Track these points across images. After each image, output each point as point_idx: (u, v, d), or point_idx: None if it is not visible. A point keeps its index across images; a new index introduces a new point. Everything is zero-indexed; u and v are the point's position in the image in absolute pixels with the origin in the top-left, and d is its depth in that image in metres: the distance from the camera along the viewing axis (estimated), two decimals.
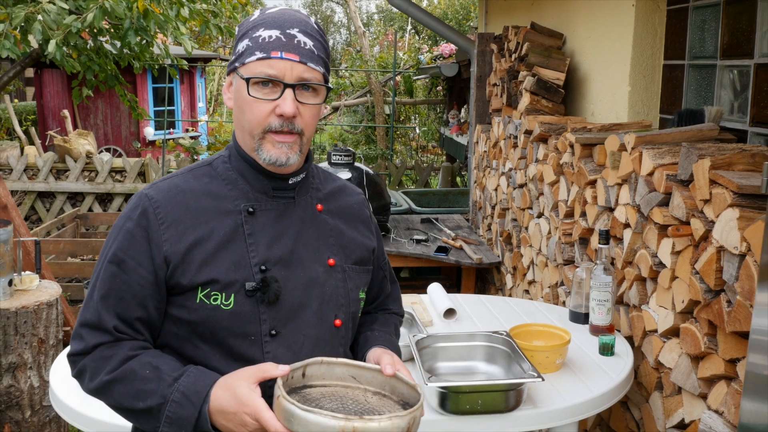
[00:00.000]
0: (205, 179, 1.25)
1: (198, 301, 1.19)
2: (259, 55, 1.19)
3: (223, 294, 1.19)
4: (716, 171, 1.76)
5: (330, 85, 1.28)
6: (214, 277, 1.18)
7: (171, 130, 10.19)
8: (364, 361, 1.33)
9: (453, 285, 4.19)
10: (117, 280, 1.18)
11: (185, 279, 1.18)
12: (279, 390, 1.08)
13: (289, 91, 1.19)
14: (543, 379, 1.70)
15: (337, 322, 1.29)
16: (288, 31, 1.20)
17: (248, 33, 1.22)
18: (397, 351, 1.39)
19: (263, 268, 1.22)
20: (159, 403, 1.12)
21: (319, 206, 1.33)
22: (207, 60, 11.69)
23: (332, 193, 1.38)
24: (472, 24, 11.89)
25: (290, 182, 1.28)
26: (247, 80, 1.19)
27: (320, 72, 1.23)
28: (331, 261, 1.31)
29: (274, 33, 1.20)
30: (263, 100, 1.19)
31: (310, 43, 1.22)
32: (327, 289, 1.29)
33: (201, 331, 1.20)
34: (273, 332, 1.21)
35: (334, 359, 1.21)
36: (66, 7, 5.25)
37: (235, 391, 1.11)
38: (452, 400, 1.70)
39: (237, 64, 1.22)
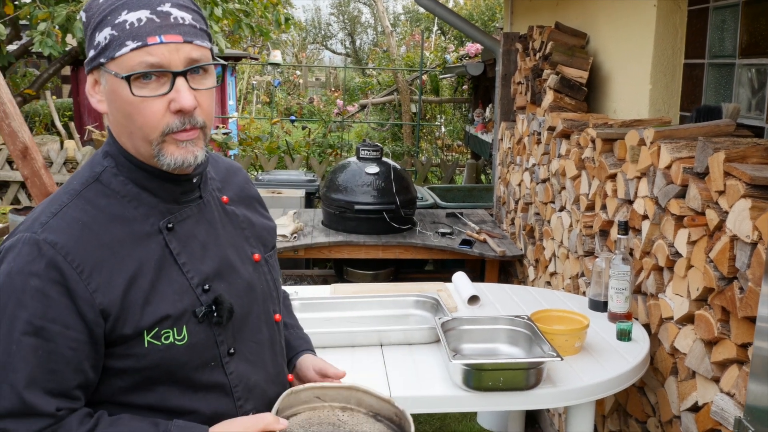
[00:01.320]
0: (102, 201, 1.05)
1: (146, 345, 1.03)
2: (132, 45, 0.98)
3: (175, 329, 1.05)
4: (730, 163, 1.85)
5: (219, 60, 1.09)
6: (162, 315, 1.04)
7: None
8: (295, 366, 1.34)
9: (477, 277, 4.30)
10: (41, 353, 0.97)
11: (129, 327, 1.02)
12: None
13: (180, 81, 1.00)
14: (562, 359, 1.81)
15: (277, 317, 1.24)
16: (159, 8, 1.00)
17: (107, 19, 1.00)
18: (310, 344, 1.42)
19: (206, 287, 1.10)
20: None
21: (224, 198, 1.21)
22: (237, 59, 11.92)
23: (225, 178, 1.26)
24: (497, 24, 11.96)
25: (194, 181, 1.13)
26: (128, 78, 0.99)
27: (207, 48, 1.05)
28: (256, 256, 1.22)
29: (143, 14, 0.99)
30: (152, 97, 1.00)
31: (188, 17, 1.02)
32: (260, 287, 1.21)
33: (155, 375, 1.05)
34: (231, 351, 1.13)
35: (299, 387, 1.21)
36: None
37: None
38: (475, 377, 1.81)
39: (103, 60, 1.00)
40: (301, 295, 2.46)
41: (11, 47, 7.27)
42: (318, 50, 24.29)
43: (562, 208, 3.12)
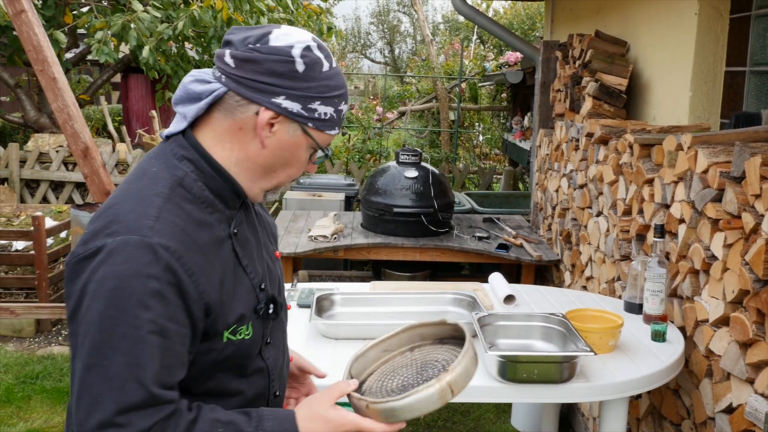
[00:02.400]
0: (187, 206, 1.12)
1: (225, 340, 1.13)
2: (335, 132, 1.18)
3: (245, 326, 1.17)
4: (767, 167, 1.88)
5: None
6: (240, 313, 1.15)
7: None
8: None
9: (513, 281, 4.33)
10: (163, 350, 1.04)
11: (220, 325, 1.12)
12: (362, 401, 1.16)
13: (325, 158, 1.23)
14: (595, 353, 1.86)
15: (288, 306, 1.38)
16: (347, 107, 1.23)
17: (333, 101, 1.16)
18: None
19: (262, 287, 1.21)
20: None
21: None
22: None
23: None
24: (537, 33, 11.96)
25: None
26: (317, 149, 1.19)
27: None
28: (277, 254, 1.35)
29: (345, 109, 1.20)
30: (305, 164, 1.20)
31: None
32: (281, 281, 1.33)
33: (220, 365, 1.15)
34: (268, 340, 1.24)
35: (362, 350, 1.30)
36: (158, 15, 5.68)
37: (324, 416, 1.15)
38: (510, 369, 1.88)
39: (311, 125, 1.15)
40: (341, 291, 2.55)
41: (68, 55, 7.60)
42: (357, 59, 24.55)
43: (599, 213, 3.15)
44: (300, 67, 1.11)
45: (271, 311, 1.22)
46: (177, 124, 1.18)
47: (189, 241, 1.08)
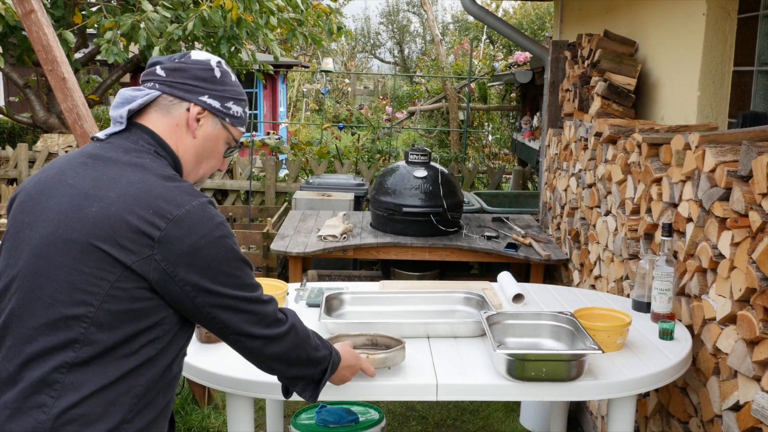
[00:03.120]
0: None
1: None
2: (243, 129, 1.49)
3: None
4: None
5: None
6: None
7: (254, 133, 10.72)
8: None
9: (522, 281, 4.34)
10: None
11: None
12: (363, 353, 1.85)
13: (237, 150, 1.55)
14: (603, 351, 1.88)
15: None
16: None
17: (241, 101, 1.47)
18: None
19: None
20: (326, 354, 1.57)
21: None
22: (289, 67, 12.21)
23: None
24: (546, 33, 11.94)
25: None
26: (232, 142, 1.48)
27: None
28: None
29: (247, 112, 1.51)
30: (221, 158, 1.50)
31: None
32: None
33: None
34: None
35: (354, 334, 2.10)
36: (168, 15, 5.72)
37: (353, 353, 1.75)
38: (518, 368, 1.90)
39: (228, 120, 1.44)
40: (351, 290, 2.58)
41: (78, 55, 7.66)
42: (367, 59, 24.58)
43: (607, 213, 3.16)
44: (217, 74, 1.41)
45: None
46: (115, 126, 1.38)
47: None
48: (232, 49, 6.67)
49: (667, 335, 2.21)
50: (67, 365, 1.21)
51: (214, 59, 1.43)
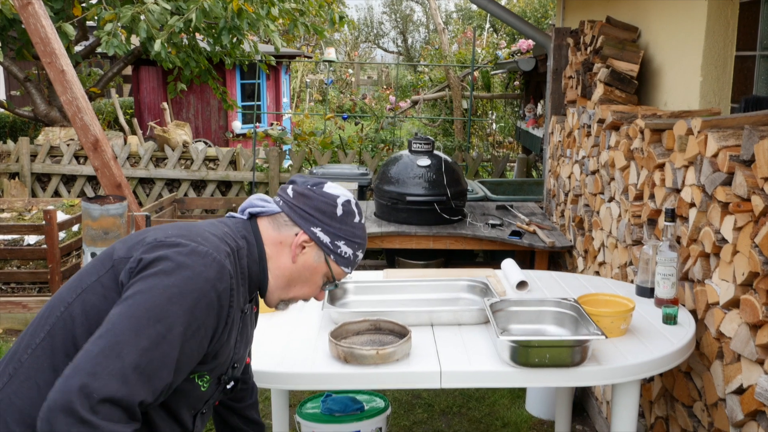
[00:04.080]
0: (235, 269, 1.35)
1: (190, 376, 1.32)
2: (348, 270, 1.50)
3: (208, 377, 1.36)
4: None
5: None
6: (213, 367, 1.36)
7: (257, 124, 10.73)
8: None
9: (526, 268, 4.36)
10: (181, 355, 1.22)
11: (207, 363, 1.33)
12: (372, 349, 1.88)
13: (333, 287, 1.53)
14: (606, 337, 1.88)
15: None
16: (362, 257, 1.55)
17: (355, 244, 1.48)
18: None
19: (235, 365, 1.47)
20: None
21: (255, 308, 1.55)
22: (292, 57, 12.19)
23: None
24: (550, 21, 11.88)
25: None
26: (330, 279, 1.49)
27: None
28: (248, 360, 1.68)
29: (361, 256, 1.52)
30: (318, 290, 1.51)
31: None
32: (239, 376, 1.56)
33: (169, 400, 1.31)
34: (203, 411, 1.46)
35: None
36: (168, 7, 5.72)
37: None
38: (522, 354, 1.91)
39: (333, 257, 1.46)
40: (355, 279, 2.59)
41: (78, 47, 7.66)
42: (370, 49, 24.50)
43: (611, 199, 3.16)
44: (339, 211, 1.45)
45: (229, 386, 1.48)
46: (240, 213, 1.48)
47: (235, 290, 1.33)
48: (234, 40, 6.66)
49: (670, 320, 2.21)
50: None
51: (343, 197, 1.47)
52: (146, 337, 1.16)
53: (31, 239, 4.75)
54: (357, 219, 1.48)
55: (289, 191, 1.46)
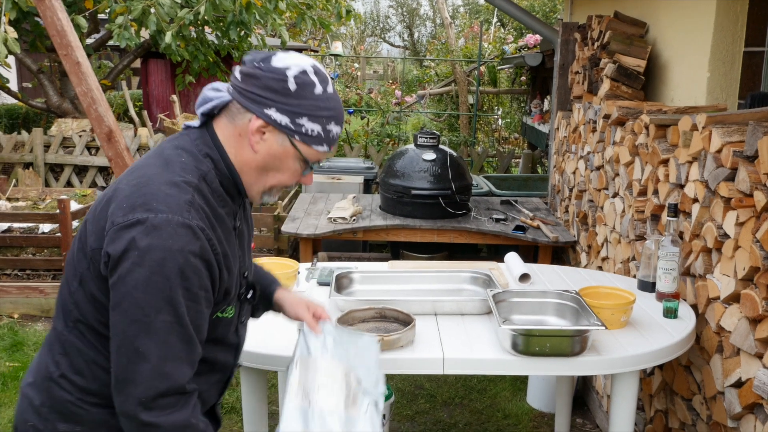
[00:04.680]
0: (209, 197, 1.28)
1: (214, 317, 1.33)
2: (323, 148, 1.33)
3: (230, 306, 1.37)
4: None
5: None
6: (231, 296, 1.36)
7: None
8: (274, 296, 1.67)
9: (529, 263, 4.38)
10: (193, 325, 1.23)
11: (216, 304, 1.32)
12: (376, 336, 1.73)
13: (310, 170, 1.39)
14: (606, 327, 1.91)
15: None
16: (342, 126, 1.37)
17: (322, 117, 1.30)
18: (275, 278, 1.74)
19: (245, 275, 1.44)
20: None
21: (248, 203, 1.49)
22: (298, 51, 12.20)
23: None
24: (558, 16, 11.85)
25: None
26: (306, 161, 1.33)
27: None
28: (253, 245, 1.61)
29: (337, 130, 1.34)
30: (298, 174, 1.37)
31: None
32: (252, 268, 1.56)
33: (208, 342, 1.33)
34: (242, 320, 1.49)
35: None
36: (178, 1, 5.74)
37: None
38: (523, 343, 1.94)
39: (298, 138, 1.29)
40: (360, 269, 2.62)
41: (89, 40, 7.71)
42: (376, 43, 24.47)
43: (615, 194, 3.18)
44: (292, 86, 1.27)
45: (249, 296, 1.47)
46: (196, 123, 1.37)
47: (213, 227, 1.26)
48: (242, 33, 6.69)
49: (671, 314, 2.24)
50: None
51: (295, 68, 1.28)
52: (158, 332, 1.18)
53: (45, 227, 4.84)
54: (319, 89, 1.29)
55: (237, 74, 1.31)
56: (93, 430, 1.31)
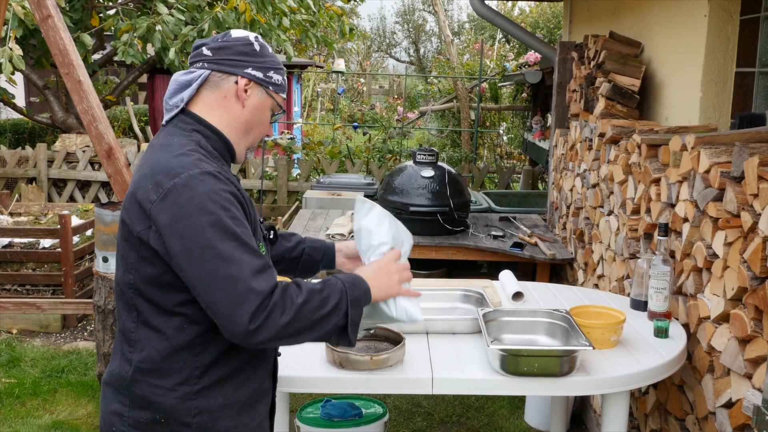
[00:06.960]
0: (212, 161, 1.46)
1: None
2: (284, 95, 1.59)
3: (261, 243, 1.56)
4: (765, 168, 1.93)
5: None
6: (258, 235, 1.56)
7: None
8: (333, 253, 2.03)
9: (528, 280, 4.38)
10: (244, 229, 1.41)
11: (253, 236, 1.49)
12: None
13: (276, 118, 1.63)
14: (593, 347, 1.92)
15: None
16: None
17: (280, 69, 1.56)
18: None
19: (261, 220, 1.64)
20: (339, 297, 1.43)
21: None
22: (303, 67, 12.30)
23: None
24: (561, 33, 11.93)
25: None
26: (276, 108, 1.58)
27: None
28: None
29: (284, 79, 1.60)
30: (269, 124, 1.60)
31: None
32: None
33: None
34: (270, 263, 1.62)
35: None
36: (182, 18, 5.82)
37: (378, 264, 1.60)
38: (511, 363, 1.95)
39: (271, 89, 1.55)
40: None
41: (95, 56, 7.81)
42: (382, 58, 24.63)
43: (610, 212, 3.20)
44: (257, 47, 1.54)
45: (272, 237, 1.69)
46: (169, 114, 1.53)
47: (226, 172, 1.46)
48: None
49: (661, 333, 2.24)
50: (133, 327, 1.47)
51: (251, 35, 1.55)
52: (231, 256, 1.33)
53: (46, 242, 4.84)
54: (270, 49, 1.57)
55: (206, 52, 1.51)
56: (170, 417, 1.44)
